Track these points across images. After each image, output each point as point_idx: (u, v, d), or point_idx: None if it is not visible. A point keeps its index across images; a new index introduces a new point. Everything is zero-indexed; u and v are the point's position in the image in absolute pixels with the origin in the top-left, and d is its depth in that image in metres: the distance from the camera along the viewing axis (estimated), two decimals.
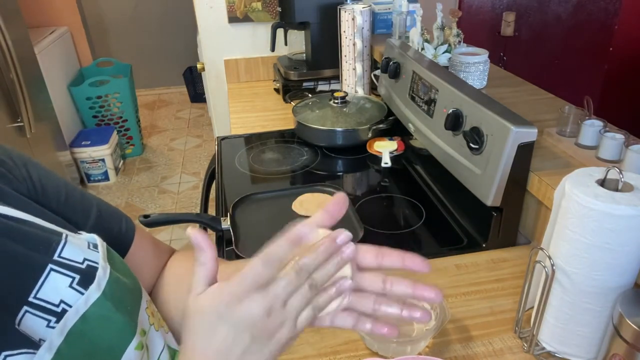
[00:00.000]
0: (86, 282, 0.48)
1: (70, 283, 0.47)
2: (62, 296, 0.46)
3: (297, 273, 0.43)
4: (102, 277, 0.49)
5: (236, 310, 0.42)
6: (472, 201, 0.90)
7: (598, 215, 0.56)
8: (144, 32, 4.35)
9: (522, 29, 2.90)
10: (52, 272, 0.46)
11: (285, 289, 0.42)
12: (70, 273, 0.47)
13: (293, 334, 0.44)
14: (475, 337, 0.72)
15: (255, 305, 0.42)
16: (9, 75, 2.09)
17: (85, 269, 0.48)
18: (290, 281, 0.42)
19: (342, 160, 1.33)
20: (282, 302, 0.42)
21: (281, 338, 0.43)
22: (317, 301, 0.44)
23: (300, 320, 0.44)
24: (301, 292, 0.43)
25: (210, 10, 1.85)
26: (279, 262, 0.42)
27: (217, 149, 1.40)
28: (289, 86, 1.75)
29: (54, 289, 0.46)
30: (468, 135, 0.88)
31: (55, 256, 0.47)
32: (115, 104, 3.22)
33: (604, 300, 0.60)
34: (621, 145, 0.83)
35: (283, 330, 0.43)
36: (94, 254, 0.50)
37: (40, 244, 0.47)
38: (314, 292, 0.44)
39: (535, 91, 1.24)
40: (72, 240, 0.50)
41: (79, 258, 0.49)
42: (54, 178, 0.58)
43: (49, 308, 0.45)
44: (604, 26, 2.37)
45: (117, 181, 3.15)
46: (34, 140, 2.29)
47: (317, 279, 0.43)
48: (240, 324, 0.42)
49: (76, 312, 0.46)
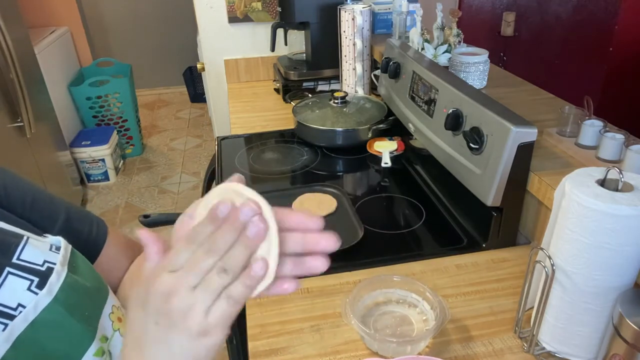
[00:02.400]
0: (44, 285, 0.47)
1: (28, 286, 0.46)
2: (20, 299, 0.45)
3: (206, 252, 0.39)
4: (54, 282, 0.48)
5: (148, 292, 0.39)
6: (472, 201, 0.90)
7: (598, 215, 0.56)
8: (144, 32, 4.35)
9: (522, 29, 2.90)
10: (10, 275, 0.46)
11: (190, 270, 0.38)
12: (28, 276, 0.46)
13: (202, 327, 0.38)
14: (475, 337, 0.72)
15: (160, 285, 0.39)
16: (9, 75, 2.08)
17: (45, 272, 0.48)
18: (196, 260, 0.39)
19: (342, 160, 1.33)
20: (188, 286, 0.38)
21: (189, 329, 0.38)
22: (230, 290, 0.39)
23: (214, 312, 0.39)
24: (211, 277, 0.38)
25: (210, 10, 1.85)
26: (198, 241, 0.39)
27: (217, 149, 1.40)
28: (289, 86, 1.75)
29: (11, 292, 0.45)
30: (468, 135, 0.88)
31: (13, 259, 0.46)
32: (115, 104, 3.22)
33: (604, 300, 0.60)
34: (621, 145, 0.83)
35: (189, 320, 0.38)
36: (55, 256, 0.50)
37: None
38: (225, 278, 0.39)
39: (535, 91, 1.24)
40: (33, 243, 0.49)
41: (38, 260, 0.48)
42: (21, 183, 0.58)
43: (6, 312, 0.44)
44: (604, 26, 2.37)
45: (117, 181, 3.14)
46: (34, 140, 2.28)
47: (227, 263, 0.39)
48: (148, 307, 0.39)
49: (25, 319, 0.45)
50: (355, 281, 0.84)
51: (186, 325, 0.38)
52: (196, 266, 0.38)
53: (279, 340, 0.73)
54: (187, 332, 0.39)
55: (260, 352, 0.71)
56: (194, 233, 0.40)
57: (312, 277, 0.84)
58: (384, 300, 0.78)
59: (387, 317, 0.76)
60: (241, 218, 0.39)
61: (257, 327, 0.75)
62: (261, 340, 0.73)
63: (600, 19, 2.39)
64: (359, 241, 0.93)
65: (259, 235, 0.39)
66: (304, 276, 0.42)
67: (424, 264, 0.88)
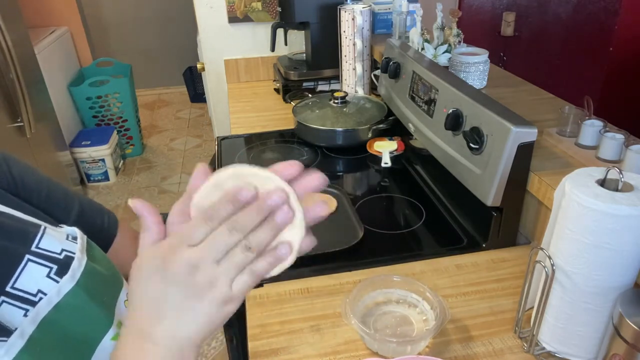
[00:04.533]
0: (63, 273, 0.49)
1: (47, 273, 0.48)
2: (39, 286, 0.47)
3: (229, 230, 0.40)
4: (76, 268, 0.50)
5: (168, 262, 0.40)
6: (472, 201, 0.90)
7: (598, 215, 0.56)
8: (144, 32, 4.35)
9: (522, 29, 2.90)
10: (30, 263, 0.47)
11: (214, 245, 0.40)
12: (47, 263, 0.48)
13: (227, 296, 0.41)
14: (475, 337, 0.72)
15: (184, 258, 0.40)
16: (9, 75, 2.08)
17: (63, 260, 0.49)
18: (220, 236, 0.40)
19: (342, 160, 1.33)
20: (212, 260, 0.40)
21: (215, 299, 0.40)
22: (254, 266, 0.41)
23: (238, 284, 0.41)
24: (235, 253, 0.40)
25: (210, 10, 1.85)
26: (218, 219, 0.40)
27: (217, 149, 1.40)
28: (289, 86, 1.75)
29: (31, 279, 0.47)
30: (468, 135, 0.88)
31: (32, 247, 0.48)
32: (115, 104, 3.22)
33: (604, 300, 0.60)
34: (621, 145, 0.83)
35: (215, 291, 0.40)
36: (72, 245, 0.51)
37: (18, 235, 0.48)
38: (249, 255, 0.41)
39: (535, 91, 1.24)
40: (50, 232, 0.50)
41: (56, 249, 0.49)
42: (36, 174, 0.59)
43: (27, 298, 0.46)
44: (604, 26, 2.37)
45: (117, 181, 3.14)
46: (34, 140, 2.28)
47: (252, 242, 0.41)
48: (170, 277, 0.40)
49: (49, 302, 0.47)
50: (355, 281, 0.83)
51: (212, 295, 0.40)
52: (221, 242, 0.40)
53: (279, 340, 0.73)
54: (213, 302, 0.40)
55: (260, 352, 0.71)
56: (213, 211, 0.41)
57: (313, 276, 0.84)
58: (384, 300, 0.78)
59: (387, 317, 0.76)
60: (270, 203, 0.40)
61: (257, 327, 0.76)
62: (261, 340, 0.73)
63: (600, 19, 2.39)
64: (359, 241, 0.93)
65: (286, 221, 0.41)
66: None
67: (424, 264, 0.88)
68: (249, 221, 0.40)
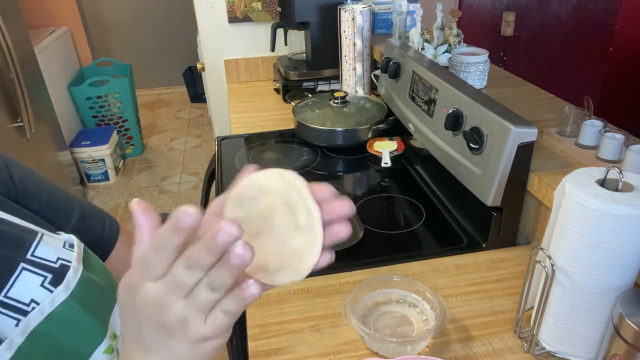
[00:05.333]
0: (58, 282, 0.47)
1: (42, 282, 0.46)
2: (33, 295, 0.46)
3: (185, 268, 0.35)
4: (71, 278, 0.48)
5: (136, 299, 0.37)
6: (472, 201, 0.90)
7: (598, 215, 0.56)
8: (144, 32, 4.35)
9: (522, 29, 2.90)
10: (24, 271, 0.46)
11: (174, 283, 0.36)
12: (42, 272, 0.47)
13: (202, 335, 0.37)
14: (475, 337, 0.72)
15: (148, 297, 0.37)
16: (9, 75, 2.08)
17: (59, 268, 0.48)
18: (178, 274, 0.36)
19: (342, 160, 1.33)
20: (177, 298, 0.36)
21: (188, 338, 0.37)
22: (223, 305, 0.37)
23: (212, 320, 0.37)
24: (199, 292, 0.36)
25: (210, 10, 1.85)
26: (168, 249, 0.35)
27: (217, 149, 1.40)
28: (289, 86, 1.75)
29: (25, 287, 0.45)
30: (468, 135, 0.88)
31: (28, 255, 0.47)
32: (115, 104, 3.22)
33: (604, 300, 0.60)
34: (621, 145, 0.83)
35: (187, 330, 0.37)
36: (69, 254, 0.50)
37: (14, 242, 0.47)
38: (214, 295, 0.36)
39: (535, 91, 1.24)
40: (47, 240, 0.49)
41: (52, 257, 0.48)
42: (37, 179, 0.58)
43: (19, 307, 0.45)
44: (604, 26, 2.37)
45: (117, 181, 3.14)
46: (34, 140, 2.28)
47: (214, 282, 0.36)
48: (139, 315, 0.38)
49: (41, 312, 0.45)
50: (355, 281, 0.83)
51: (185, 335, 0.37)
52: (180, 280, 0.36)
53: (279, 340, 0.73)
54: (187, 341, 0.37)
55: (260, 352, 0.71)
56: (159, 239, 0.36)
57: (313, 276, 0.84)
58: (384, 300, 0.78)
59: (387, 317, 0.76)
60: (218, 241, 0.34)
61: (257, 327, 0.76)
62: (261, 340, 0.73)
63: (600, 19, 2.39)
64: (359, 241, 0.93)
65: (244, 262, 0.35)
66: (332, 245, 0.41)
67: (424, 264, 0.88)
68: (201, 260, 0.35)
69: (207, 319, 0.37)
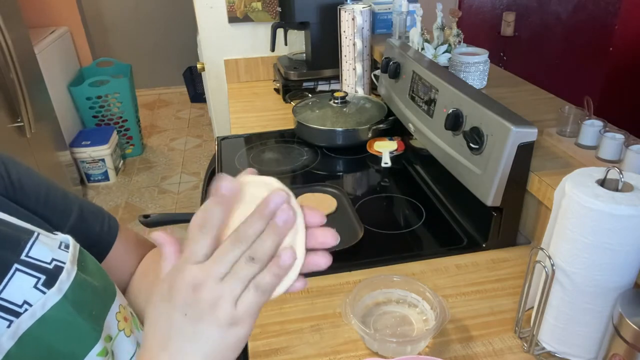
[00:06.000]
0: (51, 284, 0.47)
1: (35, 283, 0.46)
2: (26, 297, 0.45)
3: (232, 243, 0.39)
4: (64, 280, 0.48)
5: (172, 286, 0.39)
6: (472, 201, 0.90)
7: (598, 215, 0.56)
8: (144, 32, 4.35)
9: (522, 29, 2.90)
10: (18, 272, 0.45)
11: (219, 259, 0.38)
12: (36, 273, 0.46)
13: (232, 317, 0.39)
14: (475, 337, 0.72)
15: (186, 278, 0.39)
16: (9, 75, 2.08)
17: (53, 270, 0.47)
18: (223, 251, 0.39)
19: (342, 160, 1.33)
20: (216, 277, 0.38)
21: (218, 320, 0.39)
22: (259, 279, 0.39)
23: (242, 302, 0.39)
24: (239, 266, 0.39)
25: (210, 10, 1.85)
26: (212, 228, 0.39)
27: (217, 149, 1.40)
28: (289, 86, 1.75)
29: (18, 289, 0.45)
30: (468, 135, 0.88)
31: (22, 255, 0.46)
32: (115, 104, 3.22)
33: (604, 300, 0.60)
34: (621, 145, 0.83)
35: (218, 311, 0.38)
36: (64, 255, 0.49)
37: (8, 242, 0.46)
38: (253, 267, 0.39)
39: (535, 91, 1.24)
40: (42, 240, 0.49)
41: (47, 258, 0.48)
42: (35, 178, 0.57)
43: (12, 309, 0.44)
44: (604, 26, 2.37)
45: (117, 181, 3.14)
46: (34, 140, 2.28)
47: (256, 251, 0.39)
48: (173, 301, 0.39)
49: (32, 315, 0.45)
50: (355, 281, 0.84)
51: (215, 315, 0.38)
52: (224, 256, 0.38)
53: (279, 340, 0.73)
54: (216, 323, 0.39)
55: (260, 352, 0.71)
56: (202, 213, 0.39)
57: (312, 276, 0.84)
58: (384, 300, 0.78)
59: (387, 317, 0.76)
60: (271, 206, 0.39)
61: (257, 327, 0.76)
62: (261, 340, 0.73)
63: (600, 19, 2.39)
64: (359, 241, 0.93)
65: (288, 222, 0.40)
66: (308, 273, 0.42)
67: (424, 264, 0.88)
68: (253, 229, 0.39)
69: (238, 299, 0.39)
